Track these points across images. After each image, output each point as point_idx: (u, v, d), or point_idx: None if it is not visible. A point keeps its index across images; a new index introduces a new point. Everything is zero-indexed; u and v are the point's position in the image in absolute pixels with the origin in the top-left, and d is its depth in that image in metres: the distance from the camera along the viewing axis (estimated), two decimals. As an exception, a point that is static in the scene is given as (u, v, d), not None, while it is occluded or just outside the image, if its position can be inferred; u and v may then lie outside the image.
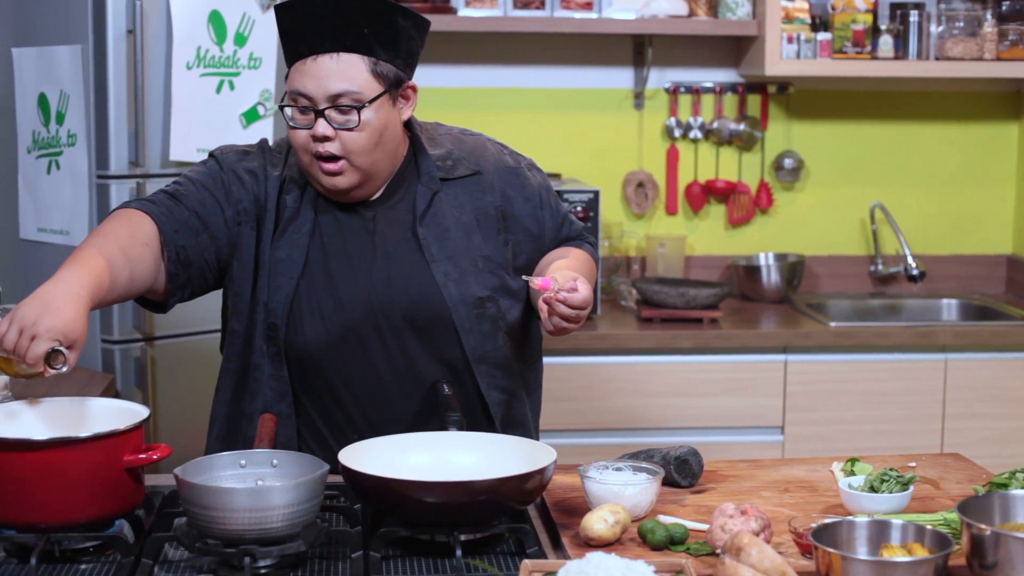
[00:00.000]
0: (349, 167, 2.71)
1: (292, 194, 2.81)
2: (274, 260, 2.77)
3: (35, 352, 2.33)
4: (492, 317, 2.80)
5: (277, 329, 2.76)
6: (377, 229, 2.80)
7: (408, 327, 2.77)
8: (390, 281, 2.77)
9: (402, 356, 2.78)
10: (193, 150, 4.11)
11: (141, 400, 3.97)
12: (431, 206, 2.81)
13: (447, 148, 2.88)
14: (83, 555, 2.29)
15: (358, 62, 2.67)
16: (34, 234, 4.29)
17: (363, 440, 2.56)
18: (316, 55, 2.66)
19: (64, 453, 2.26)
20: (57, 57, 4.12)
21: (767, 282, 5.14)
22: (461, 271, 2.78)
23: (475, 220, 2.83)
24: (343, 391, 2.79)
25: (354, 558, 2.25)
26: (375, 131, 2.69)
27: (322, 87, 2.65)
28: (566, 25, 4.98)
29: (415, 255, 2.78)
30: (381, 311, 2.76)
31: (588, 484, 2.47)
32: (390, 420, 2.77)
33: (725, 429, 4.65)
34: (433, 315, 2.77)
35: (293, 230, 2.78)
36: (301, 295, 2.76)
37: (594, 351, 4.58)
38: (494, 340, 2.81)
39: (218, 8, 4.11)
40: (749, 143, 5.27)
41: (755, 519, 2.27)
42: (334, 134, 2.67)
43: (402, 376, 2.78)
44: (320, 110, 2.66)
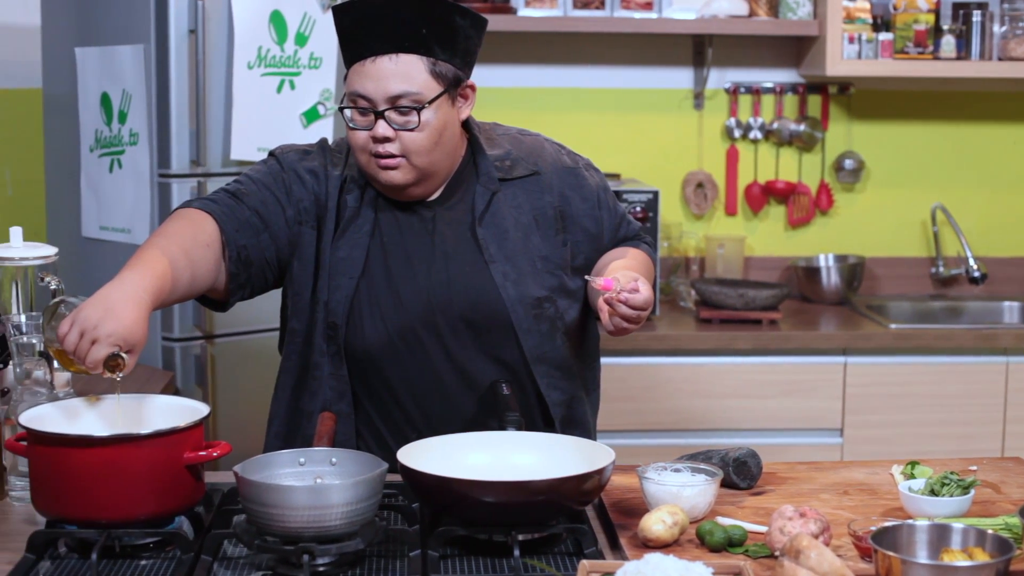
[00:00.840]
0: (407, 164, 2.71)
1: (352, 194, 2.81)
2: (334, 260, 2.78)
3: (95, 356, 2.34)
4: (550, 317, 2.80)
5: (337, 328, 2.77)
6: (436, 229, 2.80)
7: (467, 327, 2.77)
8: (449, 281, 2.77)
9: (461, 356, 2.78)
10: (253, 149, 4.13)
11: (201, 398, 3.99)
12: (490, 206, 2.81)
13: (505, 148, 2.88)
14: (143, 551, 2.31)
15: (417, 63, 2.67)
16: (96, 232, 4.32)
17: (421, 438, 2.56)
18: (375, 56, 2.66)
19: (125, 450, 2.28)
20: (120, 57, 4.14)
21: (827, 283, 5.11)
22: (519, 271, 2.78)
23: (534, 220, 2.83)
24: (402, 390, 2.79)
25: (412, 557, 2.25)
26: (435, 131, 2.69)
27: (381, 88, 2.66)
28: (626, 25, 4.97)
29: (474, 255, 2.79)
30: (440, 311, 2.76)
31: (646, 485, 2.46)
32: (448, 420, 2.77)
33: (784, 431, 4.63)
34: (491, 315, 2.77)
35: (353, 230, 2.79)
36: (361, 295, 2.77)
37: (653, 352, 4.57)
38: (552, 340, 2.81)
39: (279, 8, 4.13)
40: (809, 144, 5.24)
41: (814, 521, 2.26)
42: (394, 135, 2.68)
43: (460, 376, 2.78)
44: (380, 111, 2.67)
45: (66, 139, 4.42)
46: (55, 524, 2.33)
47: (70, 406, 2.51)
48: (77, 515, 2.29)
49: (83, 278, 4.34)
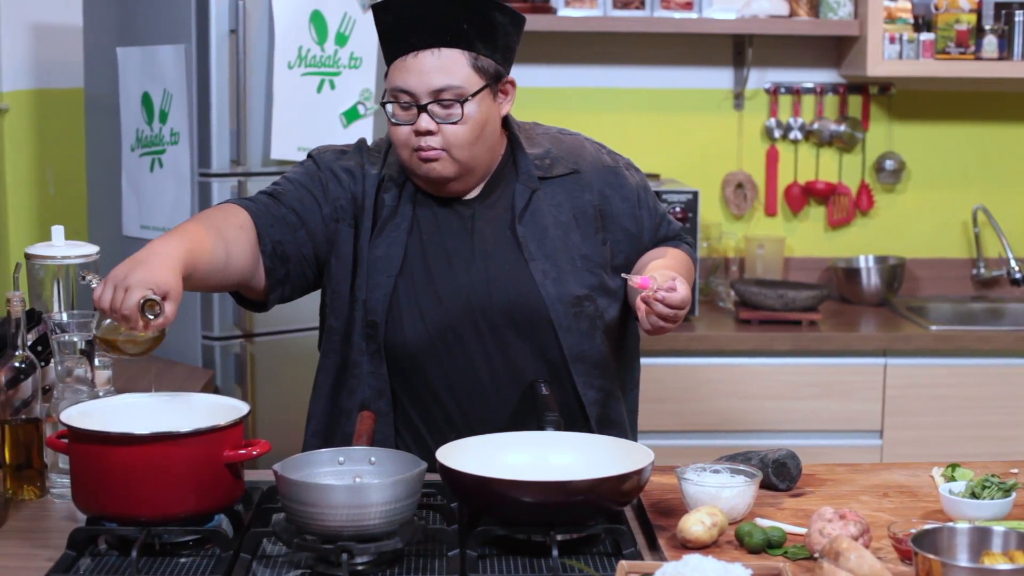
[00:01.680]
0: (448, 158, 2.72)
1: (391, 192, 2.82)
2: (372, 258, 2.79)
3: (129, 302, 2.35)
4: (590, 316, 2.80)
5: (377, 327, 2.77)
6: (476, 227, 2.81)
7: (506, 325, 2.77)
8: (489, 279, 2.77)
9: (500, 354, 2.78)
10: (293, 149, 4.14)
11: (240, 396, 4.00)
12: (530, 204, 2.81)
13: (545, 147, 2.88)
14: (183, 548, 2.31)
15: (459, 57, 2.68)
16: (137, 231, 4.34)
17: (460, 438, 2.56)
18: (417, 51, 2.68)
19: (165, 447, 2.29)
20: (161, 57, 4.16)
21: (867, 284, 5.09)
22: (559, 270, 2.78)
23: (573, 219, 2.83)
24: (441, 388, 2.80)
25: (450, 556, 2.25)
26: (477, 124, 2.71)
27: (424, 82, 2.67)
28: (666, 25, 4.96)
29: (514, 253, 2.79)
30: (480, 309, 2.77)
31: (685, 486, 2.46)
32: (487, 418, 2.78)
33: (823, 432, 4.62)
34: (531, 313, 2.77)
35: (391, 228, 2.80)
36: (400, 293, 2.77)
37: (692, 352, 4.57)
38: (592, 339, 2.81)
39: (319, 8, 4.14)
40: (850, 144, 5.22)
41: (854, 523, 2.25)
42: (436, 128, 2.68)
43: (499, 374, 2.79)
44: (423, 105, 2.68)
45: (107, 138, 4.44)
46: (96, 521, 2.34)
47: (111, 404, 2.52)
48: (117, 512, 2.30)
49: (124, 277, 4.36)
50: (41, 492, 2.63)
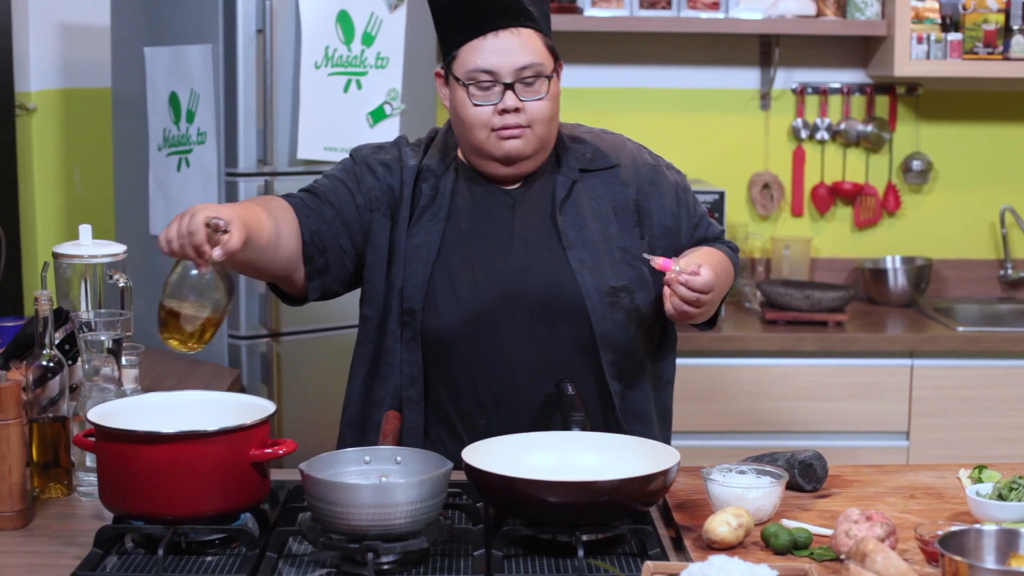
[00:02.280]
0: (530, 134, 2.77)
1: (428, 182, 2.86)
2: (410, 247, 2.81)
3: (195, 222, 2.42)
4: (625, 307, 2.81)
5: (414, 314, 2.79)
6: (516, 215, 2.83)
7: (541, 312, 2.79)
8: (526, 266, 2.80)
9: (533, 340, 2.80)
10: (320, 148, 4.15)
11: (266, 395, 4.01)
12: (570, 195, 2.84)
13: (587, 142, 2.93)
14: (209, 547, 2.32)
15: (534, 36, 2.76)
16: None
17: (489, 423, 2.64)
18: (496, 31, 2.73)
19: (192, 446, 2.29)
20: (188, 56, 4.17)
21: (894, 285, 5.08)
22: (596, 259, 2.80)
23: (612, 211, 2.85)
24: (473, 373, 2.82)
25: (476, 556, 2.25)
26: (555, 101, 2.78)
27: (509, 61, 2.73)
28: (692, 25, 4.96)
29: (552, 241, 2.81)
30: (515, 295, 2.79)
31: (711, 487, 2.45)
32: (517, 404, 2.80)
33: (849, 434, 4.61)
34: (566, 301, 2.79)
35: (428, 217, 2.83)
36: (436, 279, 2.79)
37: (718, 352, 4.56)
38: (625, 330, 2.82)
39: (346, 8, 4.15)
40: (877, 144, 5.21)
41: (880, 525, 2.24)
42: (521, 106, 2.74)
43: (531, 360, 2.80)
44: (507, 83, 2.73)
45: (135, 138, 4.45)
46: (122, 520, 2.35)
47: (138, 403, 2.53)
48: (144, 511, 2.31)
49: (151, 276, 4.37)
50: (68, 490, 2.64)
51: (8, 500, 2.45)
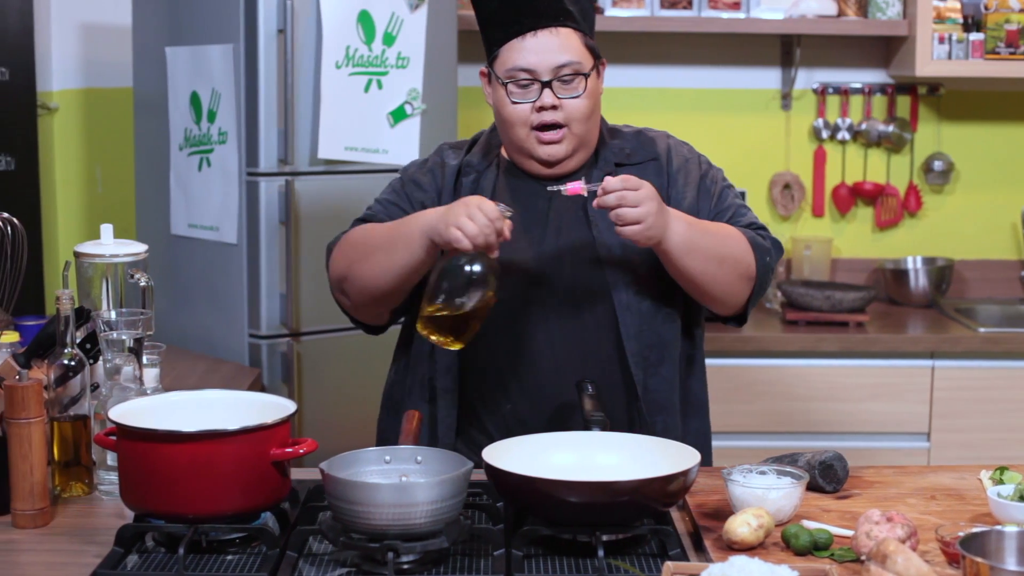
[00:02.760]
0: (568, 134, 2.81)
1: (469, 176, 2.92)
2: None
3: (493, 211, 2.59)
4: (652, 297, 2.83)
5: None
6: (552, 207, 2.87)
7: (568, 299, 2.83)
8: (557, 254, 2.83)
9: (559, 328, 2.83)
10: (341, 148, 4.15)
11: (286, 395, 4.02)
12: None
13: (627, 138, 2.96)
14: (229, 546, 2.32)
15: (573, 35, 2.79)
16: (184, 230, 4.36)
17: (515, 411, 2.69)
18: (535, 31, 2.77)
19: (212, 445, 2.30)
20: (209, 56, 4.18)
21: (915, 286, 5.07)
22: (626, 249, 2.81)
23: None
24: (499, 358, 2.85)
25: (496, 556, 2.25)
26: (593, 100, 2.81)
27: (547, 60, 2.76)
28: (713, 25, 4.95)
29: (583, 231, 2.85)
30: (544, 282, 2.83)
31: (732, 487, 2.45)
32: (541, 390, 2.83)
33: (870, 434, 4.60)
34: (594, 290, 2.82)
35: None
36: None
37: (738, 353, 4.56)
38: (652, 320, 2.83)
39: (367, 8, 4.15)
40: (898, 145, 5.20)
41: (901, 526, 2.24)
42: (559, 103, 2.77)
43: (557, 346, 2.83)
44: (546, 81, 2.77)
45: (156, 137, 4.46)
46: (143, 518, 2.35)
47: (158, 401, 2.53)
48: (165, 510, 2.31)
49: (172, 275, 4.39)
50: (89, 489, 2.65)
51: (30, 498, 2.46)
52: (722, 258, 2.79)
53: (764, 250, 2.87)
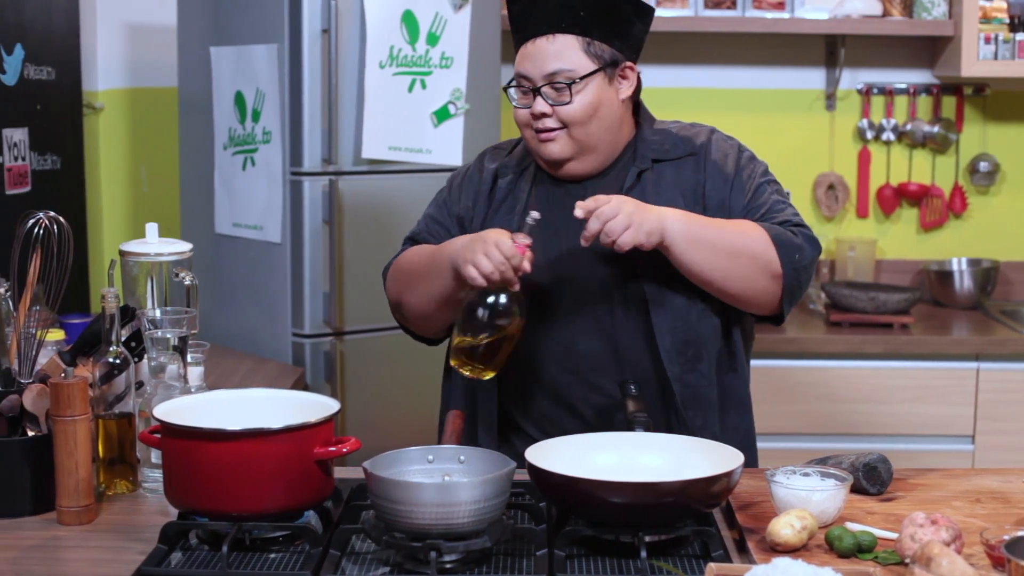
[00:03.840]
0: (565, 136, 2.83)
1: (507, 177, 2.97)
2: None
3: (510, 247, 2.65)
4: (686, 293, 2.82)
5: None
6: None
7: (602, 295, 2.84)
8: (590, 254, 2.83)
9: (593, 323, 2.84)
10: (384, 148, 4.16)
11: (330, 394, 4.02)
12: (638, 183, 2.88)
13: (668, 134, 2.96)
14: (273, 544, 2.33)
15: (572, 42, 2.81)
16: (228, 229, 4.38)
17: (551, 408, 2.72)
18: (535, 38, 2.82)
19: (256, 444, 2.30)
20: (254, 56, 4.20)
21: (960, 288, 5.04)
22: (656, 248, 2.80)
23: (679, 197, 2.86)
24: (534, 355, 2.86)
25: (538, 556, 2.25)
26: (589, 105, 2.81)
27: (538, 67, 2.81)
28: (757, 25, 4.94)
29: None
30: (577, 278, 2.85)
31: (775, 489, 2.44)
32: (576, 386, 2.85)
33: (914, 437, 4.58)
34: (627, 288, 2.83)
35: (505, 210, 2.93)
36: None
37: (782, 354, 4.54)
38: (686, 316, 2.83)
39: (411, 8, 4.16)
40: (943, 145, 5.18)
41: (946, 529, 2.23)
42: (551, 110, 2.81)
43: (593, 346, 2.84)
44: (536, 88, 2.81)
45: (200, 137, 4.48)
46: (187, 516, 2.36)
47: (203, 400, 2.55)
48: (208, 507, 2.32)
49: (216, 274, 4.41)
50: (134, 486, 2.66)
51: (75, 495, 2.47)
52: (734, 252, 2.76)
53: (792, 247, 2.80)
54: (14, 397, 2.55)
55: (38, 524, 2.48)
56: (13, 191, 4.15)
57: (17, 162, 4.19)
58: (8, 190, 4.12)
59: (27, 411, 2.56)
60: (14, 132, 4.17)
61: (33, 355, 2.63)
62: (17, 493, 2.52)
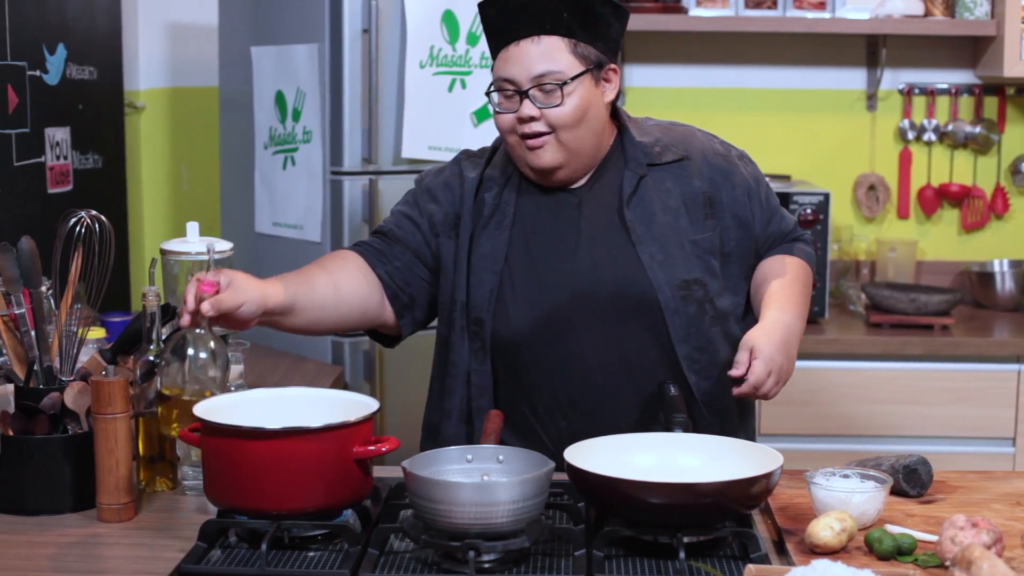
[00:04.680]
0: (554, 142, 2.77)
1: (491, 191, 2.88)
2: (476, 256, 2.84)
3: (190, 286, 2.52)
4: (699, 300, 2.81)
5: (482, 323, 2.81)
6: (583, 213, 2.84)
7: (613, 309, 2.79)
8: (595, 264, 2.80)
9: (605, 338, 2.80)
10: (424, 148, 4.16)
11: (369, 393, 4.03)
12: (637, 190, 2.84)
13: (655, 136, 2.91)
14: (311, 543, 2.33)
15: (559, 43, 2.74)
16: (269, 228, 4.39)
17: (569, 425, 2.69)
18: (519, 40, 2.75)
19: (295, 442, 2.31)
20: (294, 56, 4.21)
21: (1001, 289, 5.01)
22: (667, 253, 2.79)
23: (682, 204, 2.84)
24: (548, 375, 2.82)
25: (577, 556, 2.25)
26: (578, 108, 2.75)
27: (525, 70, 2.73)
28: (798, 25, 4.93)
29: (621, 237, 2.81)
30: (586, 293, 2.79)
31: (814, 490, 2.44)
32: (595, 402, 2.80)
33: (954, 439, 4.56)
34: (639, 297, 2.79)
35: (494, 225, 2.85)
36: (505, 285, 2.81)
37: (821, 355, 4.53)
38: (700, 323, 2.81)
39: (451, 8, 4.16)
40: (985, 146, 5.15)
41: (987, 532, 2.21)
42: (539, 113, 2.74)
43: (606, 358, 2.80)
44: (524, 91, 2.74)
45: (241, 136, 4.50)
46: (226, 514, 2.37)
47: (243, 398, 2.55)
48: (248, 505, 2.33)
49: (255, 272, 4.39)
50: (173, 484, 2.67)
51: (115, 493, 2.48)
52: (808, 302, 2.91)
53: (813, 260, 2.99)
54: (55, 395, 2.57)
55: (78, 521, 2.50)
56: (55, 190, 4.18)
57: (59, 161, 4.21)
58: (50, 189, 4.15)
59: (68, 409, 2.57)
60: (56, 131, 4.20)
61: (74, 353, 2.64)
62: (58, 490, 2.53)
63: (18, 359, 2.63)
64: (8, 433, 2.56)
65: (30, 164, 4.02)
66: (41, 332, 2.59)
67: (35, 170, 4.05)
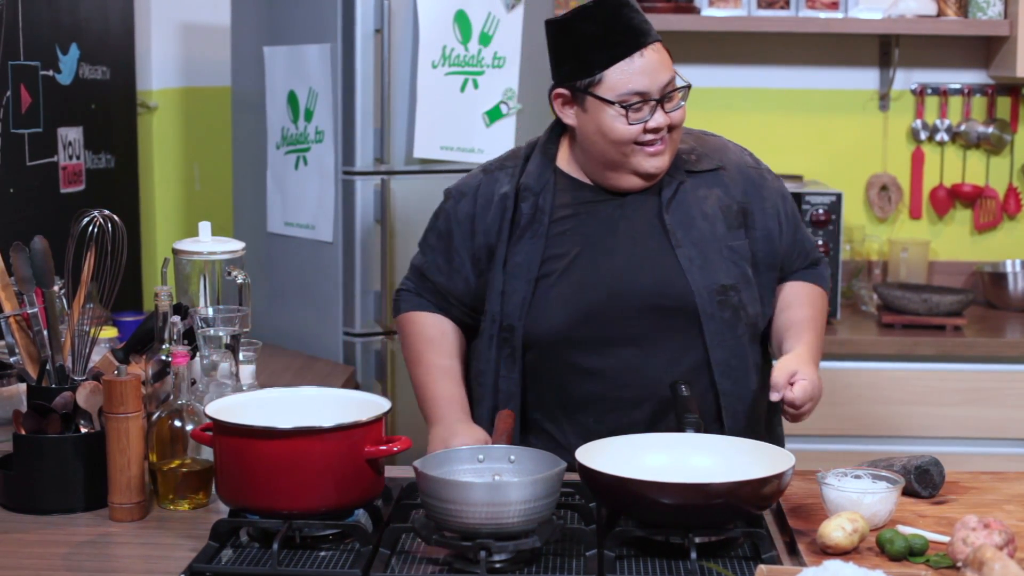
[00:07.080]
0: (670, 144, 2.80)
1: (528, 201, 2.87)
2: (511, 266, 2.84)
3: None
4: (734, 306, 2.81)
5: (513, 331, 2.81)
6: (624, 215, 2.84)
7: (649, 310, 2.80)
8: (634, 265, 2.80)
9: (642, 339, 2.80)
10: (437, 148, 4.16)
11: (380, 393, 4.03)
12: (677, 195, 2.85)
13: (690, 144, 2.92)
14: (323, 542, 2.34)
15: (664, 50, 2.78)
16: (281, 228, 4.40)
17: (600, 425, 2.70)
18: (642, 50, 2.74)
19: (307, 442, 2.31)
20: (307, 56, 4.21)
21: (1014, 289, 5.00)
22: (705, 258, 2.80)
23: (719, 211, 2.85)
24: (582, 374, 2.82)
25: (588, 556, 2.25)
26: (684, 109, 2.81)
27: (656, 80, 2.75)
28: (811, 25, 4.92)
29: (660, 240, 2.82)
30: (623, 294, 2.80)
31: (826, 491, 2.43)
32: (627, 403, 2.81)
33: (966, 440, 4.55)
34: (676, 299, 2.79)
35: (530, 235, 2.85)
36: (539, 290, 2.81)
37: (833, 356, 4.52)
38: (734, 329, 2.82)
39: (464, 8, 4.16)
40: (998, 146, 5.14)
41: (999, 533, 2.21)
42: (668, 120, 2.77)
43: (640, 359, 2.80)
44: (657, 100, 2.74)
45: (253, 136, 4.50)
46: (238, 513, 2.38)
47: (254, 398, 2.56)
48: (259, 505, 2.33)
49: (267, 272, 4.43)
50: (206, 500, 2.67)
51: (127, 492, 2.49)
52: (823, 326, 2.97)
53: (828, 284, 3.03)
54: (68, 394, 2.57)
55: (90, 520, 2.50)
56: (68, 190, 4.19)
57: (72, 161, 4.22)
58: (63, 189, 4.15)
59: (80, 408, 2.58)
60: (69, 131, 4.20)
61: (87, 352, 2.65)
62: (70, 489, 2.54)
63: (31, 358, 2.64)
64: (20, 432, 2.56)
65: (43, 164, 4.03)
66: (54, 331, 2.60)
67: (48, 170, 4.06)
